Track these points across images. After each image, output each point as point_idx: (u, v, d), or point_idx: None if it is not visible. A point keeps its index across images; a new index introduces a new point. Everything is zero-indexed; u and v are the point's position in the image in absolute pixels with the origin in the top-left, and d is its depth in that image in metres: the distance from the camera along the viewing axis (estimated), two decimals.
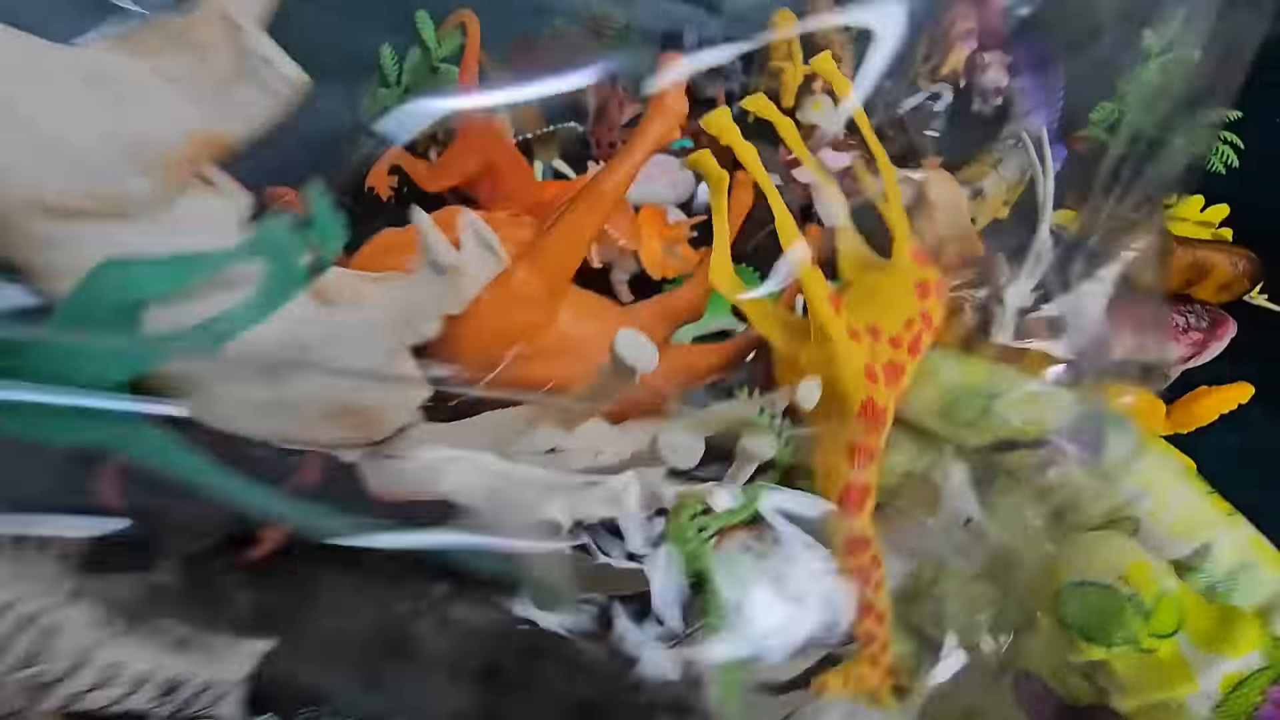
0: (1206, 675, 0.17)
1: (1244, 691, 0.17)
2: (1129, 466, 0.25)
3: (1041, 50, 0.74)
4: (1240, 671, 0.17)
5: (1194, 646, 0.17)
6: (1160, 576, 0.19)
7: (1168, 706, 0.17)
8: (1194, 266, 0.55)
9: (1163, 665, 0.17)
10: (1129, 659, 0.17)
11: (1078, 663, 0.18)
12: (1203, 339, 0.55)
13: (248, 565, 0.28)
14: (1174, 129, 0.47)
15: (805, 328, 0.29)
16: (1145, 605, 0.18)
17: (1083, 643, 0.18)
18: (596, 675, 0.27)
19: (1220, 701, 0.17)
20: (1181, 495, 0.24)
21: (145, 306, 0.24)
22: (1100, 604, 0.18)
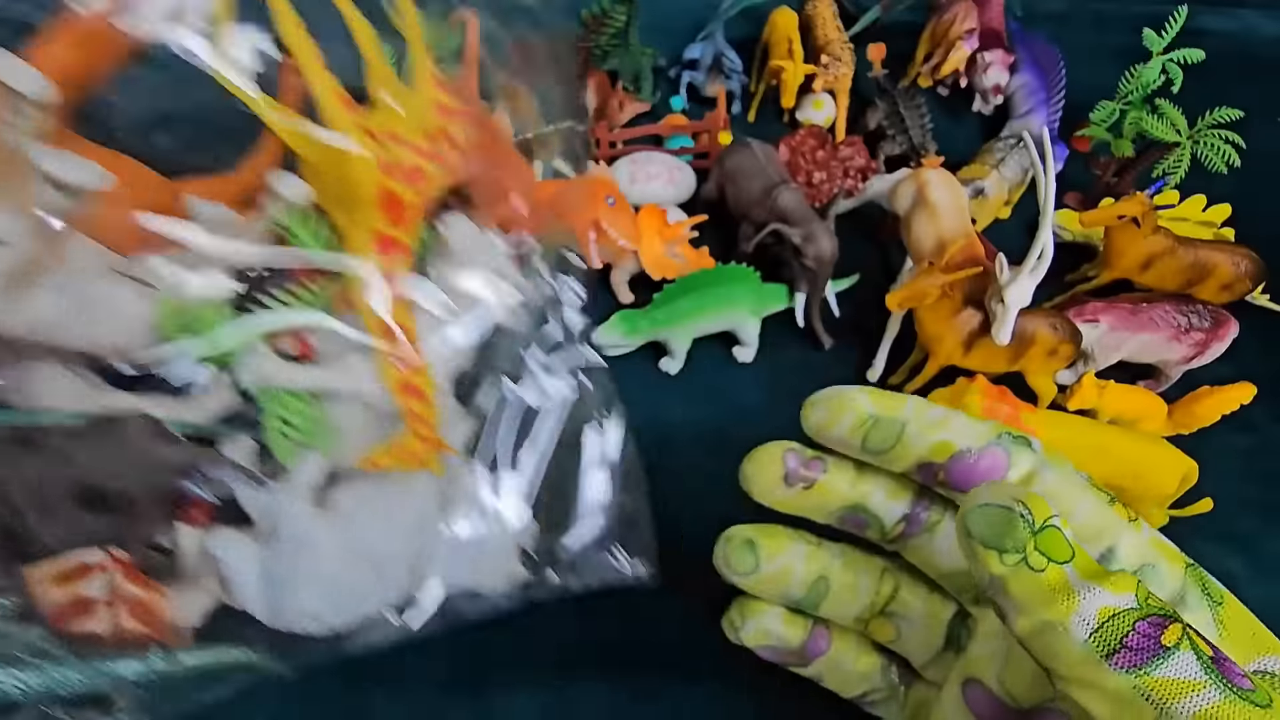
0: (1087, 600, 0.19)
1: (1116, 623, 0.19)
2: (1034, 481, 0.25)
3: (1042, 50, 0.74)
4: (1115, 606, 0.19)
5: (1079, 576, 0.19)
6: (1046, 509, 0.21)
7: (1054, 629, 0.19)
8: (1196, 266, 0.55)
9: (1050, 585, 0.19)
10: (1021, 578, 0.20)
11: (983, 583, 0.21)
12: (1205, 339, 0.55)
13: None
14: None
15: None
16: (1035, 523, 0.20)
17: (982, 552, 0.21)
18: None
19: (1096, 628, 0.19)
20: (1086, 505, 0.24)
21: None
22: (996, 517, 0.21)
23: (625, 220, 0.55)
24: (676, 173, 0.64)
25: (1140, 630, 0.18)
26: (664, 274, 0.58)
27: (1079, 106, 0.71)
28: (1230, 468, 0.55)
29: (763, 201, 0.57)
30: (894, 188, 0.57)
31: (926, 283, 0.50)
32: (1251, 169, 0.61)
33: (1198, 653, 0.18)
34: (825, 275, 0.56)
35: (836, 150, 0.66)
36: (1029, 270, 0.47)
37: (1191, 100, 0.61)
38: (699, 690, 0.43)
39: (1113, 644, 0.18)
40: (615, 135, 0.67)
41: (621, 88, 0.72)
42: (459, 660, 0.44)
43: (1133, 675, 0.18)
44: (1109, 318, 0.55)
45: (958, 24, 0.71)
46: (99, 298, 0.31)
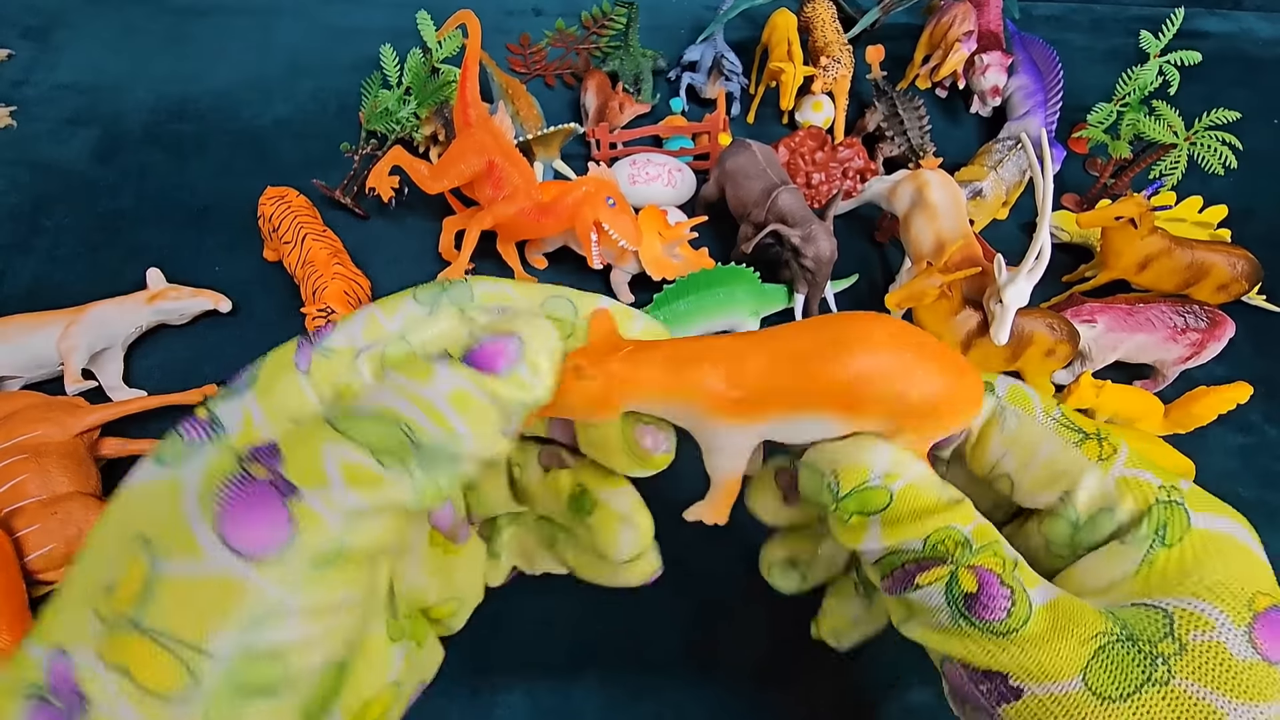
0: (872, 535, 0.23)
1: (894, 556, 0.23)
2: (993, 426, 0.26)
3: (1040, 51, 0.74)
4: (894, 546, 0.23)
5: (880, 524, 0.23)
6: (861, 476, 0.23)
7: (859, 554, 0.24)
8: (1192, 267, 0.56)
9: (852, 527, 0.24)
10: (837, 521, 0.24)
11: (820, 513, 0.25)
12: (1201, 339, 0.55)
13: None
14: None
15: None
16: (838, 491, 0.24)
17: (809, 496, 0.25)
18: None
19: (879, 558, 0.24)
20: (1048, 448, 0.25)
21: None
22: (811, 480, 0.25)
23: (625, 221, 0.55)
24: (676, 174, 0.65)
25: (905, 569, 0.23)
26: (664, 274, 0.58)
27: (1076, 108, 0.71)
28: (1227, 467, 0.55)
29: (762, 202, 0.57)
30: (893, 189, 0.57)
31: (925, 283, 0.50)
32: (1248, 170, 0.61)
33: (949, 590, 0.22)
34: (824, 276, 0.56)
35: (835, 151, 0.67)
36: (1027, 271, 0.47)
37: (1188, 102, 0.62)
38: (699, 690, 0.44)
39: (885, 572, 0.23)
40: (615, 136, 0.67)
41: (622, 89, 0.72)
42: (459, 660, 0.44)
43: (890, 594, 0.24)
44: (1106, 318, 0.56)
45: (956, 26, 0.72)
46: None
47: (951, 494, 0.24)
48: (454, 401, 0.20)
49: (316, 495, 0.18)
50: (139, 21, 0.78)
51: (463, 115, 0.57)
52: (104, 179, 0.66)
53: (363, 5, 0.81)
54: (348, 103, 0.70)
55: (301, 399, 0.21)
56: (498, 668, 0.44)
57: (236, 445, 0.20)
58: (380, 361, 0.23)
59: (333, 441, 0.19)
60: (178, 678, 0.17)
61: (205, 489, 0.18)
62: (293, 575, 0.18)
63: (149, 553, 0.17)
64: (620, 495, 0.27)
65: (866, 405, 0.23)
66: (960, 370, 0.24)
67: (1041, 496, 0.25)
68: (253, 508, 0.18)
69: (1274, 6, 0.90)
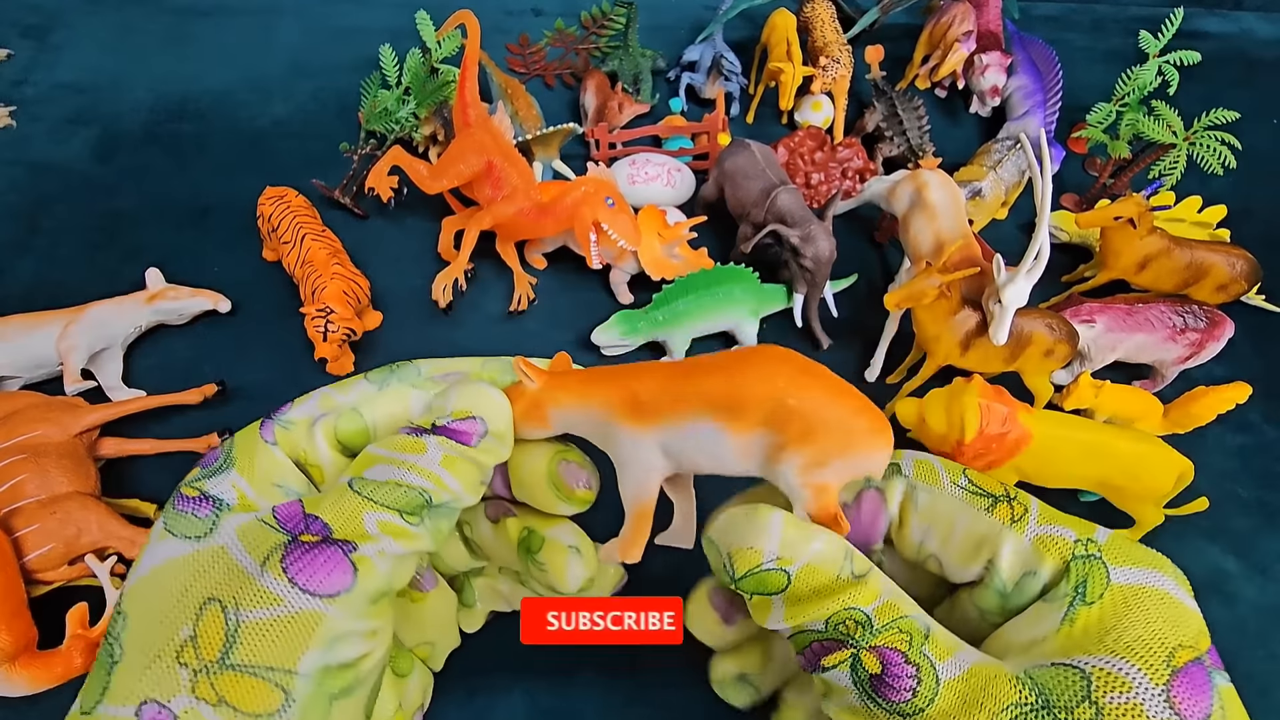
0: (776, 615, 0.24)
1: (802, 635, 0.24)
2: (909, 506, 0.26)
3: (1040, 52, 0.74)
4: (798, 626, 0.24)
5: (783, 604, 0.24)
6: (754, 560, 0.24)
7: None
8: (1192, 267, 0.56)
9: (756, 606, 0.25)
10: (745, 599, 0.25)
11: None
12: (1200, 339, 0.55)
13: None
14: None
15: None
16: (734, 574, 0.24)
17: None
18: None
19: (790, 635, 0.24)
20: (964, 520, 0.25)
21: None
22: (713, 558, 0.26)
23: (625, 221, 0.55)
24: (675, 174, 0.65)
25: (812, 649, 0.24)
26: (663, 274, 0.58)
27: (1076, 108, 0.71)
28: (1226, 467, 0.55)
29: (761, 202, 0.57)
30: (892, 189, 0.57)
31: (924, 283, 0.50)
32: (1247, 170, 0.61)
33: (855, 671, 0.22)
34: (823, 276, 0.56)
35: (835, 151, 0.67)
36: (1026, 271, 0.47)
37: (1188, 102, 0.62)
38: (699, 690, 0.43)
39: (798, 649, 0.24)
40: (615, 136, 0.67)
41: (621, 89, 0.72)
42: (458, 660, 0.44)
43: (807, 671, 0.24)
44: (1105, 318, 0.56)
45: (955, 26, 0.72)
46: None
47: (857, 568, 0.24)
48: (446, 464, 0.25)
49: (368, 547, 0.23)
50: (138, 21, 0.78)
51: (462, 115, 0.57)
52: (103, 179, 0.66)
53: (362, 5, 0.81)
54: (347, 103, 0.70)
55: (278, 465, 0.26)
56: (497, 668, 0.44)
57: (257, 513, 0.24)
58: (333, 430, 0.27)
59: (369, 510, 0.24)
60: (274, 698, 0.21)
61: (258, 553, 0.22)
62: (357, 607, 0.23)
63: (224, 608, 0.21)
64: (564, 529, 0.30)
65: (746, 408, 0.24)
66: (846, 394, 0.25)
67: (968, 570, 0.25)
68: (321, 562, 0.22)
69: (1274, 6, 0.90)
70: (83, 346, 0.51)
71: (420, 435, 0.26)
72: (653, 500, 0.27)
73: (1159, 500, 0.49)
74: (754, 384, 0.24)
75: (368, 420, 0.28)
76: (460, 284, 0.57)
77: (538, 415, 0.28)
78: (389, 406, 0.28)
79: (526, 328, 0.59)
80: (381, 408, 0.28)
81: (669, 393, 0.25)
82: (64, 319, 0.52)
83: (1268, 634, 0.47)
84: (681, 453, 0.26)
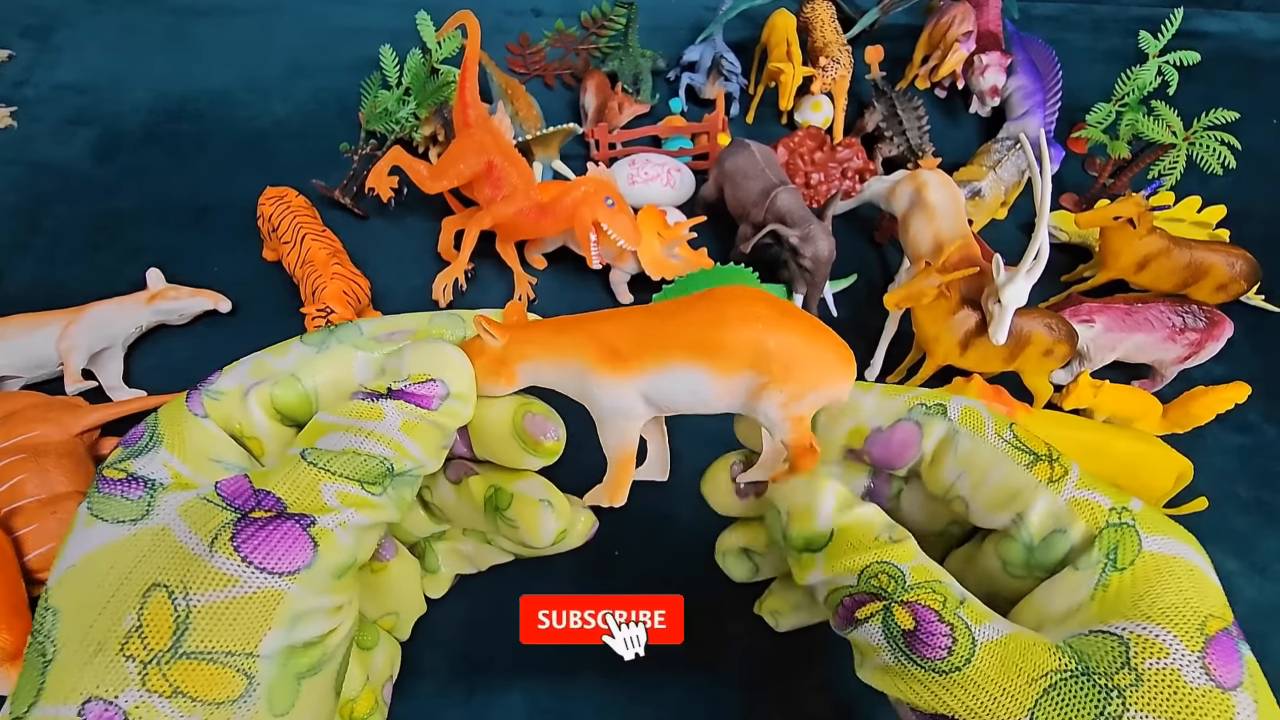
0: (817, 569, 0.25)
1: (836, 592, 0.24)
2: (946, 449, 0.26)
3: (1039, 52, 0.74)
4: (833, 581, 0.24)
5: (823, 558, 0.25)
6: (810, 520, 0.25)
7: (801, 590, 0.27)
8: (1191, 267, 0.56)
9: (802, 563, 0.25)
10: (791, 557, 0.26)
11: None
12: (1200, 339, 0.55)
13: None
14: None
15: None
16: (787, 532, 0.26)
17: None
18: None
19: (825, 594, 0.25)
20: (1000, 470, 0.25)
21: None
22: (772, 519, 0.27)
23: (625, 221, 0.56)
24: (675, 174, 0.65)
25: (844, 604, 0.24)
26: (663, 274, 0.58)
27: (1075, 108, 0.71)
28: (1225, 467, 0.55)
29: (761, 202, 0.57)
30: (892, 189, 0.57)
31: (924, 283, 0.50)
32: (1246, 170, 0.61)
33: (887, 626, 0.22)
34: (823, 275, 0.56)
35: (834, 152, 0.67)
36: (1025, 271, 0.47)
37: (1187, 102, 0.62)
38: (698, 690, 0.44)
39: (832, 610, 0.25)
40: (615, 137, 0.67)
41: (621, 89, 0.72)
42: (458, 660, 0.44)
43: (840, 632, 0.25)
44: (1104, 318, 0.56)
45: (955, 26, 0.72)
46: None
47: (895, 534, 0.25)
48: (406, 430, 0.24)
49: (328, 519, 0.22)
50: (139, 21, 0.78)
51: (462, 115, 0.57)
52: (104, 179, 0.66)
53: (362, 5, 0.81)
54: (347, 103, 0.70)
55: (212, 439, 0.25)
56: (497, 668, 0.44)
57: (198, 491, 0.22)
58: (270, 398, 0.26)
59: (327, 481, 0.22)
60: (235, 683, 0.20)
61: (204, 532, 0.21)
62: (320, 583, 0.22)
63: (171, 594, 0.20)
64: (531, 483, 0.29)
65: (729, 352, 0.24)
66: (819, 330, 0.26)
67: (995, 518, 0.25)
68: (278, 539, 0.21)
69: (1274, 7, 0.90)
70: (83, 346, 0.51)
71: (376, 400, 0.24)
72: (635, 445, 0.27)
73: (1158, 500, 0.49)
74: (735, 328, 0.24)
75: (307, 386, 0.26)
76: (460, 284, 0.58)
77: (504, 372, 0.27)
78: (330, 370, 0.26)
79: None
80: (323, 372, 0.26)
81: (648, 339, 0.25)
82: (64, 319, 0.52)
83: (1267, 634, 0.47)
84: (663, 397, 0.26)
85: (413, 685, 0.43)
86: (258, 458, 0.26)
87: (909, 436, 0.26)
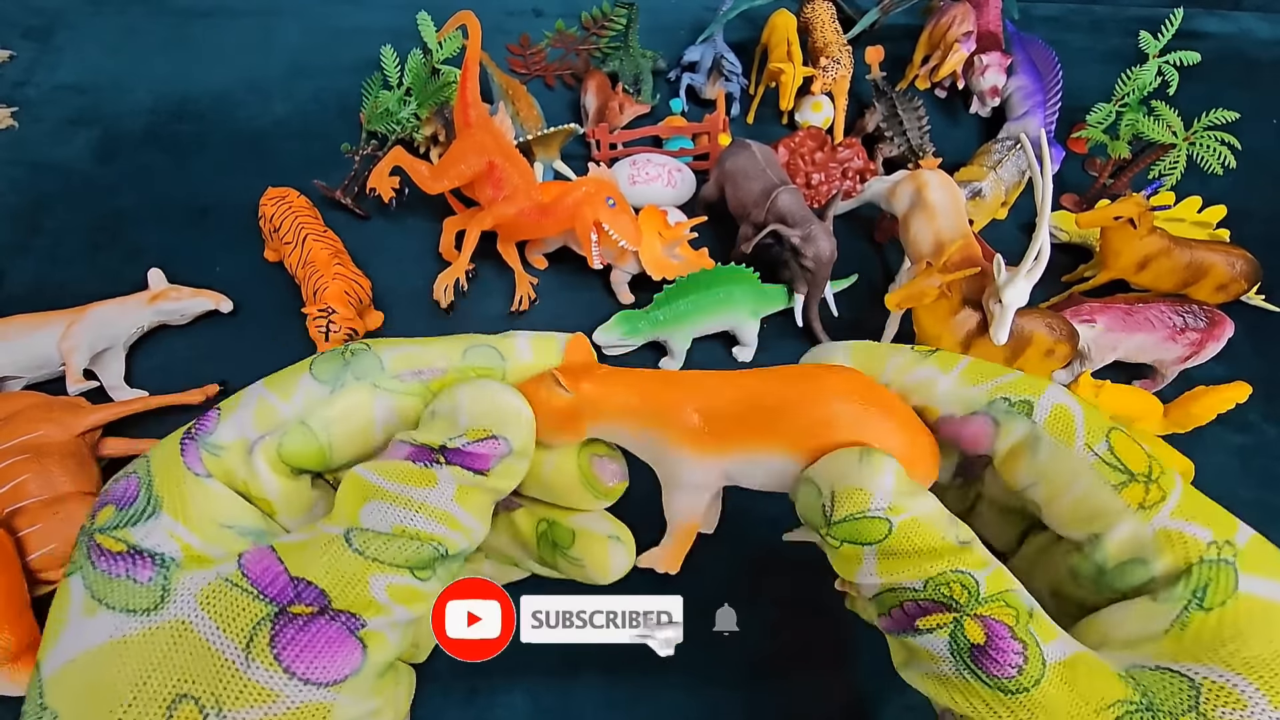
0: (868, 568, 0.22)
1: (892, 594, 0.22)
2: (1022, 454, 0.24)
3: (1039, 52, 0.74)
4: (891, 583, 0.22)
5: (877, 556, 0.22)
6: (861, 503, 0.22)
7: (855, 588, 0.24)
8: (1191, 267, 0.56)
9: (844, 556, 0.22)
10: (827, 547, 0.23)
11: None
12: (1200, 339, 0.55)
13: None
14: None
15: None
16: (830, 515, 0.22)
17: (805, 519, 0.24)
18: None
19: (876, 593, 0.22)
20: (1082, 484, 0.23)
21: None
22: (807, 498, 0.23)
23: (625, 221, 0.56)
24: (676, 174, 0.65)
25: (905, 609, 0.21)
26: (664, 274, 0.58)
27: (1076, 108, 0.71)
28: (1226, 467, 0.55)
29: (762, 203, 0.57)
30: (892, 189, 0.57)
31: (925, 283, 0.50)
32: (1247, 170, 0.61)
33: (954, 640, 0.20)
34: (824, 275, 0.56)
35: (835, 152, 0.67)
36: (1026, 271, 0.47)
37: (1187, 102, 0.62)
38: (698, 690, 0.44)
39: (883, 609, 0.22)
40: (615, 137, 0.67)
41: (621, 90, 0.72)
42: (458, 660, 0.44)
43: (889, 633, 0.23)
44: (1105, 318, 0.56)
45: (955, 26, 0.72)
46: None
47: (961, 534, 0.22)
48: (460, 499, 0.22)
49: (380, 620, 0.20)
50: (140, 22, 0.78)
51: (463, 116, 0.57)
52: (105, 179, 0.66)
53: (363, 6, 0.81)
54: (348, 103, 0.70)
55: (219, 501, 0.22)
56: (498, 668, 0.43)
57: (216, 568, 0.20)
58: (277, 453, 0.22)
59: (375, 573, 0.20)
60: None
61: (236, 631, 0.18)
62: (365, 687, 0.20)
63: (203, 708, 0.17)
64: (593, 518, 0.27)
65: (830, 447, 0.23)
66: (917, 430, 0.24)
67: (1069, 531, 0.23)
68: (325, 645, 0.19)
69: (1273, 7, 0.90)
70: (85, 346, 0.51)
71: (430, 465, 0.22)
72: (700, 515, 0.26)
73: None
74: (840, 430, 0.23)
75: (321, 437, 0.23)
76: (461, 284, 0.58)
77: (572, 428, 0.24)
78: (347, 418, 0.23)
79: (528, 328, 0.59)
80: (338, 419, 0.23)
81: (744, 423, 0.24)
82: (66, 319, 0.52)
83: None
84: (743, 476, 0.25)
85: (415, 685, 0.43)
86: (272, 516, 0.23)
87: (982, 431, 0.24)
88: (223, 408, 0.23)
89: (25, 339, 0.51)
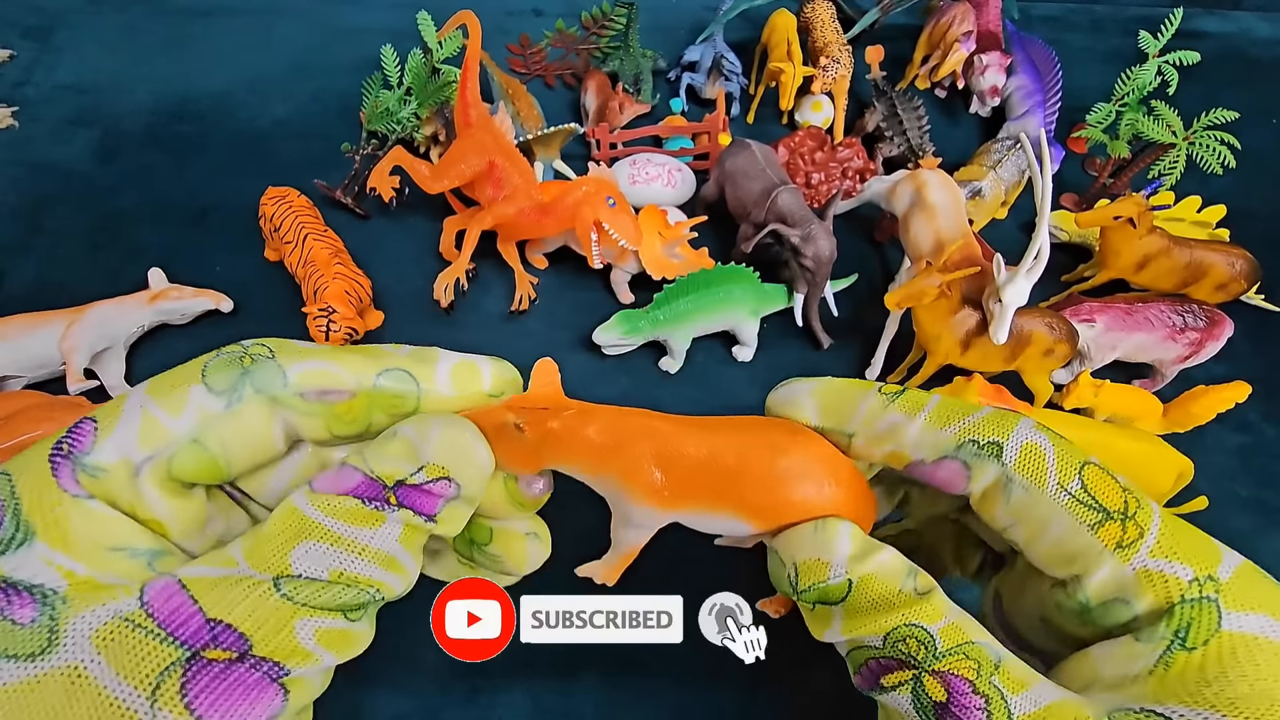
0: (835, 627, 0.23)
1: (859, 651, 0.23)
2: (996, 497, 0.24)
3: (1039, 52, 0.74)
4: (856, 641, 0.23)
5: (842, 615, 0.23)
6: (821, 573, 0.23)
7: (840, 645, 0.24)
8: (1191, 266, 0.56)
9: (817, 616, 0.24)
10: (805, 610, 0.24)
11: None
12: (1200, 338, 0.55)
13: None
14: None
15: None
16: (796, 585, 0.23)
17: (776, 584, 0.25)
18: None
19: (847, 651, 0.23)
20: (1059, 527, 0.22)
21: None
22: (775, 569, 0.25)
23: (626, 221, 0.56)
24: (676, 174, 0.65)
25: (869, 666, 0.22)
26: (664, 274, 0.58)
27: (1075, 108, 0.71)
28: (1226, 466, 0.55)
29: (762, 202, 0.57)
30: (892, 188, 0.57)
31: (924, 283, 0.50)
32: (1246, 170, 0.61)
33: (917, 697, 0.21)
34: (824, 275, 0.56)
35: (835, 151, 0.67)
36: (1026, 270, 0.47)
37: (1187, 102, 0.62)
38: (698, 690, 0.44)
39: (854, 668, 0.23)
40: (615, 136, 0.67)
41: (621, 89, 0.72)
42: (458, 660, 0.44)
43: (864, 692, 0.23)
44: (1105, 317, 0.56)
45: (955, 26, 0.72)
46: None
47: (920, 584, 0.22)
48: (404, 542, 0.21)
49: (305, 667, 0.19)
50: (140, 22, 0.78)
51: (463, 115, 0.57)
52: (105, 179, 0.66)
53: (363, 6, 0.81)
54: (348, 103, 0.70)
55: (104, 523, 0.19)
56: (498, 668, 0.44)
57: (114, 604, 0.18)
58: (167, 474, 0.20)
59: (302, 618, 0.19)
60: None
61: (139, 678, 0.16)
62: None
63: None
64: (515, 518, 0.27)
65: (779, 519, 0.24)
66: (863, 489, 0.26)
67: (1052, 570, 0.23)
68: (243, 693, 0.17)
69: (1273, 6, 0.90)
70: (85, 346, 0.51)
71: (381, 507, 0.20)
72: (643, 544, 0.27)
73: (1159, 500, 0.49)
74: (800, 505, 0.24)
75: (216, 453, 0.21)
76: (462, 284, 0.58)
77: (530, 465, 0.24)
78: (245, 434, 0.21)
79: (528, 327, 0.59)
80: (234, 438, 0.21)
81: (700, 485, 0.24)
82: (66, 319, 0.52)
83: None
84: (695, 525, 0.25)
85: (415, 684, 0.43)
86: (164, 536, 0.21)
87: (955, 475, 0.24)
88: (100, 421, 0.20)
89: (25, 339, 0.51)
